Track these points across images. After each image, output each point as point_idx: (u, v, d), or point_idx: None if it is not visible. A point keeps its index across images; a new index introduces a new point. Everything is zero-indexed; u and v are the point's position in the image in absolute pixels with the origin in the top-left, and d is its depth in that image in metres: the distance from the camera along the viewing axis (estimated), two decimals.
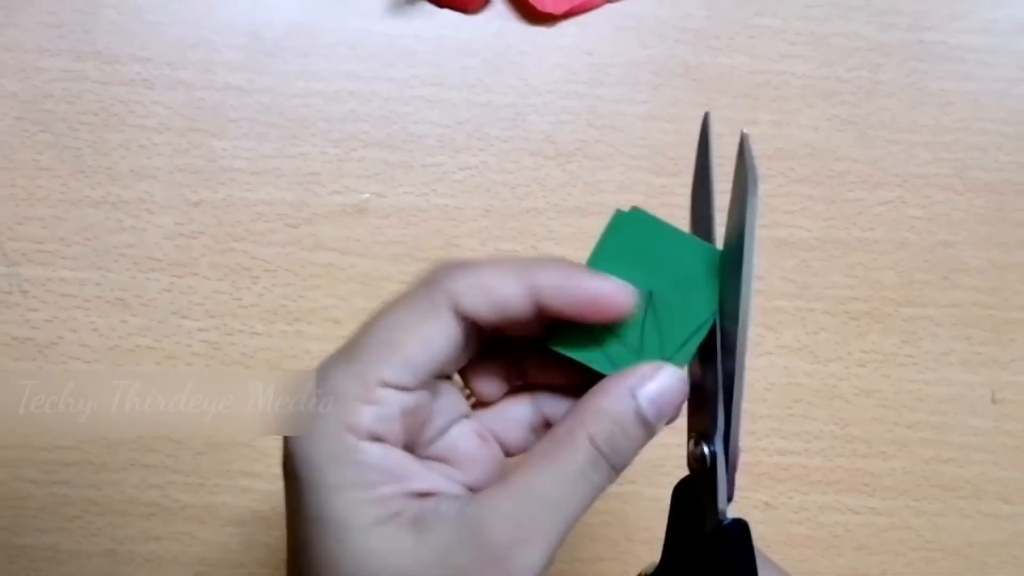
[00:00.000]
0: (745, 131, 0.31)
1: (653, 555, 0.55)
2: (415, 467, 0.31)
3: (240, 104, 0.56)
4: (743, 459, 0.56)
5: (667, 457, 0.36)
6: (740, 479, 0.56)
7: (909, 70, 0.61)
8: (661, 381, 0.31)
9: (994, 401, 0.59)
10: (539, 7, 0.58)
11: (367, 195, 0.56)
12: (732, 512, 0.33)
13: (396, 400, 0.30)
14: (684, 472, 0.35)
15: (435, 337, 0.31)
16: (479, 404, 0.35)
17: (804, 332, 0.58)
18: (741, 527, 0.33)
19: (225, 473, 0.54)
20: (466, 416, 0.34)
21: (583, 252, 0.56)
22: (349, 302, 0.55)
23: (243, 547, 0.54)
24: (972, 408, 0.58)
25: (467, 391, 0.35)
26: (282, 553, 0.32)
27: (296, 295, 0.55)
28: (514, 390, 0.35)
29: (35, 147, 0.55)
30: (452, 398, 0.34)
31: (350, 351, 0.31)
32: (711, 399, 0.32)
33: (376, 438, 0.30)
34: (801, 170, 0.59)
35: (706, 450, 0.33)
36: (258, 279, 0.55)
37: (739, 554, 0.33)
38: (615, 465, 0.31)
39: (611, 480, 0.31)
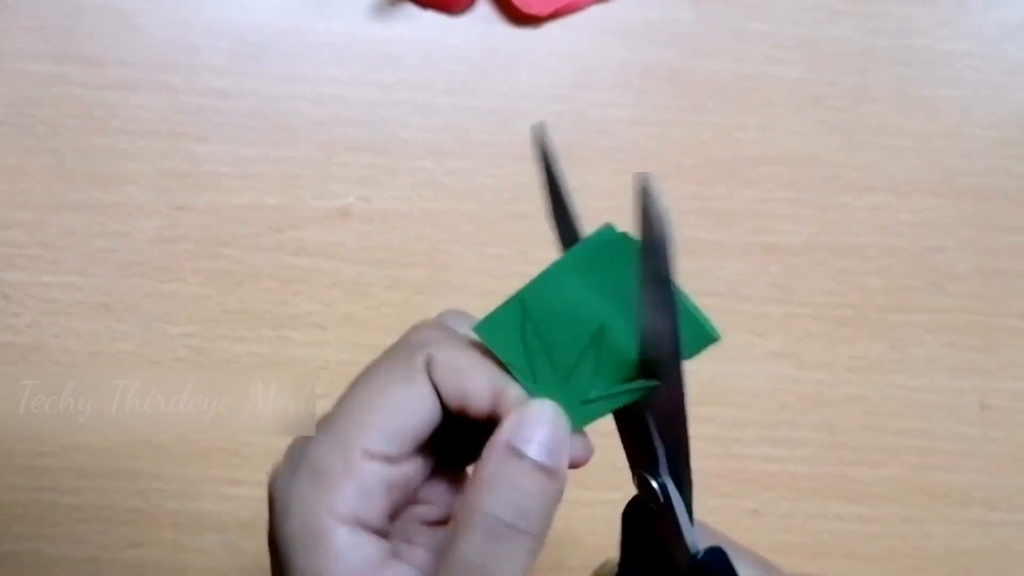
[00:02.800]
0: (644, 180, 0.26)
1: None
2: (381, 565, 0.29)
3: (224, 108, 0.56)
4: (733, 466, 0.56)
5: None
6: (728, 485, 0.56)
7: (897, 75, 0.61)
8: (543, 423, 0.29)
9: (982, 408, 0.58)
10: (524, 8, 0.57)
11: (351, 199, 0.56)
12: (720, 517, 0.32)
13: (379, 473, 0.29)
14: None
15: (416, 403, 0.30)
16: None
17: (791, 338, 0.57)
18: (718, 557, 0.32)
19: (208, 480, 0.53)
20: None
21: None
22: (333, 307, 0.55)
23: (226, 554, 0.53)
24: (960, 415, 0.58)
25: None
26: (264, 560, 0.31)
27: (280, 300, 0.55)
28: None
29: (17, 151, 0.55)
30: (420, 464, 0.32)
31: (330, 421, 0.30)
32: (644, 431, 0.30)
33: (357, 520, 0.29)
34: (788, 175, 0.59)
35: (654, 483, 0.31)
36: (242, 284, 0.55)
37: None
38: (531, 530, 0.29)
39: (537, 543, 0.29)
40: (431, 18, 0.58)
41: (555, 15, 0.58)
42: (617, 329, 0.29)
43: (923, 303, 0.59)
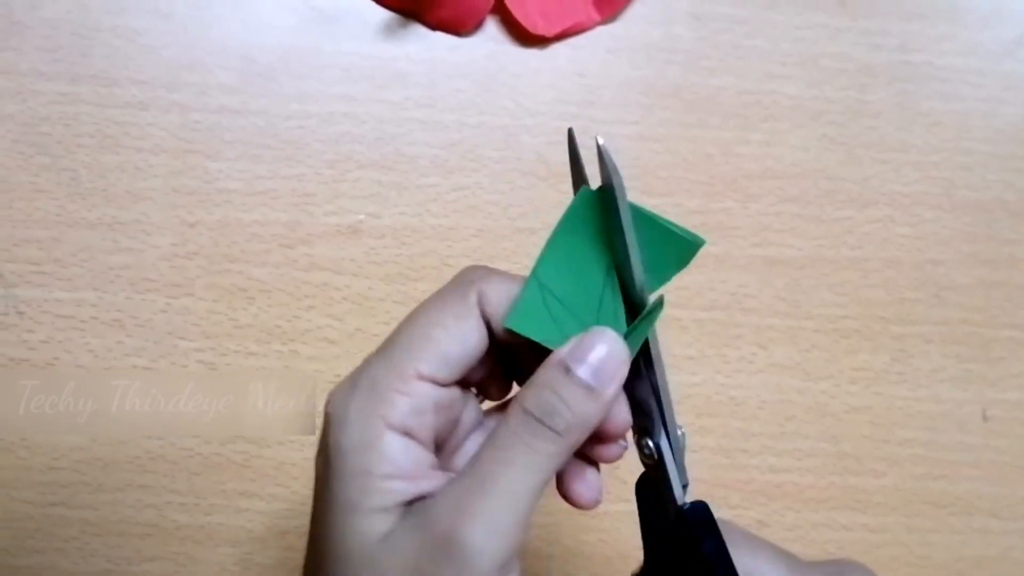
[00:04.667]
0: (600, 140, 0.31)
1: None
2: (429, 472, 0.32)
3: (235, 126, 0.57)
4: (739, 476, 0.57)
5: None
6: (734, 496, 0.56)
7: (897, 91, 0.62)
8: (596, 346, 0.31)
9: (984, 418, 0.59)
10: (531, 29, 0.58)
11: (361, 216, 0.57)
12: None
13: (430, 393, 0.32)
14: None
15: (468, 334, 0.32)
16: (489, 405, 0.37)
17: (795, 350, 0.58)
18: (701, 508, 0.34)
19: (221, 493, 0.54)
20: (481, 425, 0.36)
21: None
22: (344, 322, 0.56)
23: (239, 568, 0.54)
24: (962, 425, 0.59)
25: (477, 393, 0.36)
26: (277, 572, 0.32)
27: (291, 315, 0.55)
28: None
29: (32, 169, 0.55)
30: (472, 409, 0.35)
31: (388, 347, 0.32)
32: (646, 399, 0.33)
33: (406, 431, 0.31)
34: (790, 189, 0.60)
35: (650, 443, 0.34)
36: (253, 299, 0.55)
37: (704, 534, 0.33)
38: (555, 428, 0.31)
39: (560, 447, 0.31)
40: (439, 38, 0.59)
41: (561, 36, 0.59)
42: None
43: (925, 315, 0.59)
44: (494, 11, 0.59)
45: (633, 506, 0.55)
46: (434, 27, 0.59)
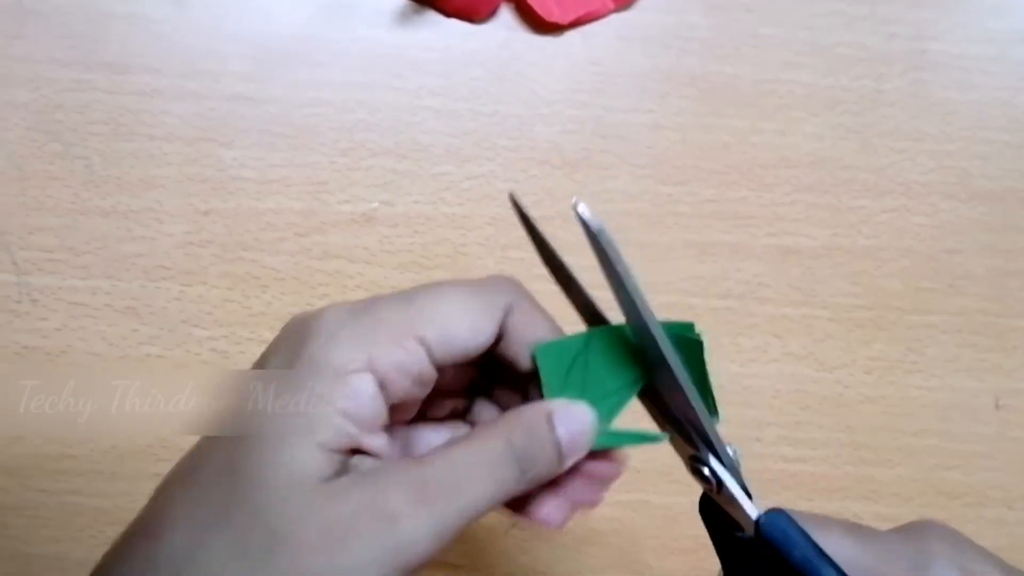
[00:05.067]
0: (574, 200, 0.30)
1: (662, 563, 0.55)
2: (379, 430, 0.31)
3: (249, 114, 0.57)
4: (753, 466, 0.56)
5: (674, 466, 0.36)
6: (748, 486, 0.56)
7: (912, 79, 0.62)
8: (580, 417, 0.33)
9: (998, 408, 0.59)
10: (546, 17, 0.58)
11: (375, 204, 0.57)
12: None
13: (421, 360, 0.31)
14: (690, 479, 0.35)
15: (482, 331, 0.32)
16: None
17: (810, 340, 0.58)
18: (778, 517, 0.33)
19: None
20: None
21: (589, 260, 0.56)
22: None
23: None
24: (977, 415, 0.59)
25: None
26: None
27: (304, 303, 0.55)
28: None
29: (45, 157, 0.55)
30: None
31: (404, 300, 0.32)
32: (686, 427, 0.34)
33: (383, 381, 0.31)
34: (806, 178, 0.60)
35: (705, 469, 0.34)
36: (267, 288, 0.55)
37: (790, 543, 0.32)
38: (524, 469, 0.31)
39: (517, 487, 0.32)
40: (453, 25, 0.59)
41: (576, 23, 0.59)
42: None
43: (940, 304, 0.59)
44: None
45: (647, 496, 0.55)
46: (448, 15, 0.59)
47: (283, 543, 0.28)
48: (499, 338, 0.33)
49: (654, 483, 0.55)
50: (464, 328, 0.32)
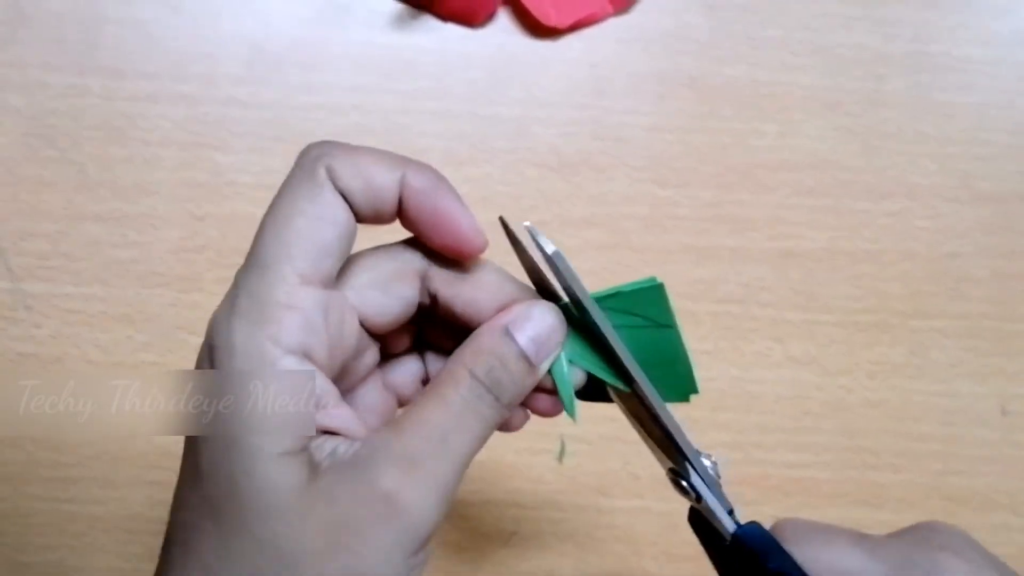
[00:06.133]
0: (527, 224, 0.31)
1: (663, 569, 0.55)
2: (330, 398, 0.30)
3: (244, 118, 0.56)
4: (755, 472, 0.56)
5: None
6: (750, 492, 0.56)
7: (913, 81, 0.61)
8: (535, 319, 0.32)
9: (1003, 413, 0.58)
10: (544, 21, 0.58)
11: None
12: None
13: (318, 300, 0.29)
14: None
15: (328, 213, 0.30)
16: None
17: (812, 344, 0.57)
18: (752, 529, 0.33)
19: None
20: (375, 374, 0.35)
21: (588, 263, 0.56)
22: None
23: None
24: (980, 420, 0.58)
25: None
26: None
27: None
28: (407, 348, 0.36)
29: (39, 162, 0.55)
30: (371, 353, 0.34)
31: (255, 255, 0.29)
32: (666, 439, 0.34)
33: (304, 353, 0.29)
34: (807, 181, 0.59)
35: (685, 483, 0.34)
36: None
37: (766, 554, 0.32)
38: (499, 397, 0.31)
39: (500, 415, 0.31)
40: (450, 29, 0.58)
41: (574, 27, 0.59)
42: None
43: (943, 308, 0.59)
44: (506, 2, 0.59)
45: (648, 503, 0.55)
46: (445, 18, 0.58)
47: (293, 566, 0.28)
48: (432, 298, 0.33)
49: (654, 490, 0.54)
50: (318, 227, 0.29)
